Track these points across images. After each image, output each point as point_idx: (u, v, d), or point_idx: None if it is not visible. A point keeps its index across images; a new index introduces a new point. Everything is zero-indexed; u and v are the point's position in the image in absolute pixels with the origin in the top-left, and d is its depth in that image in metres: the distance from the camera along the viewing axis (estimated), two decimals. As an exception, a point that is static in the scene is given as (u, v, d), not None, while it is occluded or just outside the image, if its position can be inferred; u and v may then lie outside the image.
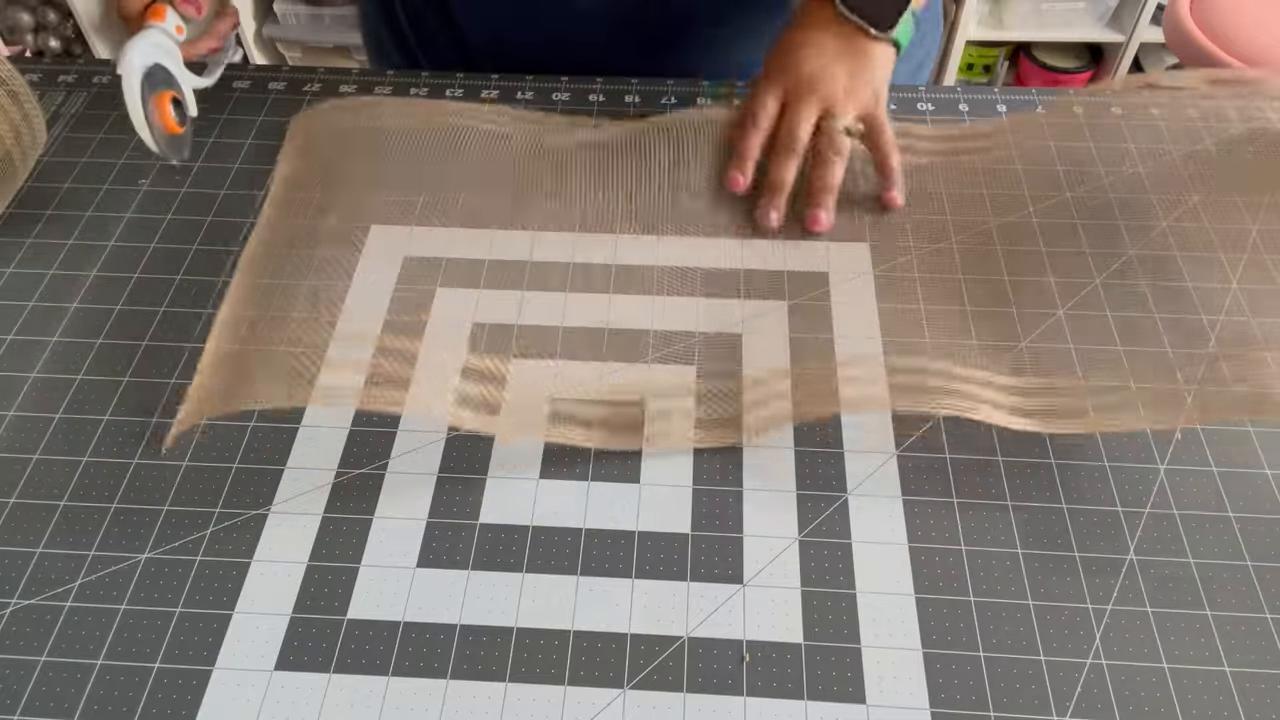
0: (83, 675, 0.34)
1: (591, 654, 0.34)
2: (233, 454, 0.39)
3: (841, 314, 0.44)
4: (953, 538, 0.37)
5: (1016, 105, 0.54)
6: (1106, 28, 1.63)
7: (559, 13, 0.55)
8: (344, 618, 0.35)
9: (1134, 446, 0.39)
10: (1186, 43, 1.06)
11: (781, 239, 0.47)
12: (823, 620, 0.35)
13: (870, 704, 0.33)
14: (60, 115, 0.54)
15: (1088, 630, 0.34)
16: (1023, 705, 0.33)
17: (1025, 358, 0.41)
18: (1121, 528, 0.37)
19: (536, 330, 0.43)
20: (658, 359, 0.42)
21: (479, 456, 0.39)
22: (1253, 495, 0.38)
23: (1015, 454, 0.39)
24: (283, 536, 0.37)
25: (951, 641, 0.34)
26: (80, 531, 0.37)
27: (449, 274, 0.46)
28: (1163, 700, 0.33)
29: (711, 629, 0.34)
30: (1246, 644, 0.34)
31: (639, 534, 0.37)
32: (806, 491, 0.38)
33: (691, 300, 0.44)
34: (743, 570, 0.36)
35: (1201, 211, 0.48)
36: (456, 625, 0.35)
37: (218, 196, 0.49)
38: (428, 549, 0.37)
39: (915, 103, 0.54)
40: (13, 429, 0.40)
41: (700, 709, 0.33)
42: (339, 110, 0.53)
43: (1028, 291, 0.44)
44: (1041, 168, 0.50)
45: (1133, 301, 0.44)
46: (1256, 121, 0.52)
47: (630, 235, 0.47)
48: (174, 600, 0.35)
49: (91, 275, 0.46)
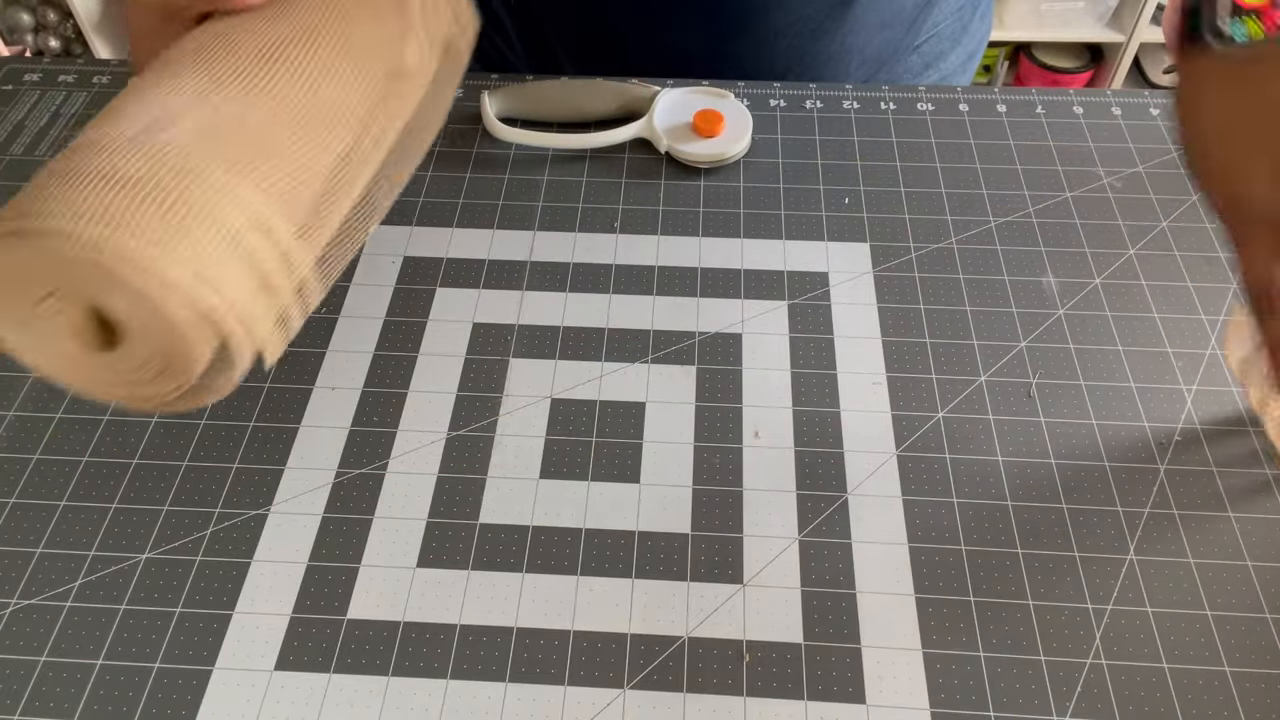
0: (83, 675, 0.34)
1: (591, 654, 0.34)
2: (233, 454, 0.39)
3: (841, 314, 0.44)
4: (953, 538, 0.37)
5: (1016, 105, 0.54)
6: (1106, 28, 1.64)
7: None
8: (344, 618, 0.35)
9: (1134, 446, 0.39)
10: (1186, 43, 1.06)
11: (781, 239, 0.47)
12: (823, 620, 0.35)
13: (870, 704, 0.33)
14: (60, 115, 0.54)
15: (1088, 630, 0.34)
16: (1023, 705, 0.33)
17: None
18: (1121, 528, 0.37)
19: (536, 330, 0.43)
20: (658, 359, 0.42)
21: (479, 456, 0.39)
22: (1252, 495, 0.38)
23: (1015, 454, 0.39)
24: (283, 536, 0.37)
25: (951, 641, 0.34)
26: (80, 531, 0.37)
27: (449, 274, 0.46)
28: (1163, 700, 0.33)
29: (711, 629, 0.34)
30: (1246, 644, 0.34)
31: (639, 534, 0.37)
32: (806, 491, 0.38)
33: (691, 300, 0.44)
34: (743, 570, 0.36)
35: (1201, 211, 0.48)
36: (456, 625, 0.35)
37: (218, 196, 0.49)
38: (428, 549, 0.37)
39: (915, 103, 0.54)
40: (13, 429, 0.40)
41: (700, 709, 0.33)
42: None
43: (1027, 292, 0.44)
44: (1042, 168, 0.50)
45: (1133, 301, 0.44)
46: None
47: (630, 235, 0.47)
48: (174, 600, 0.35)
49: (91, 275, 0.46)
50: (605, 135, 0.51)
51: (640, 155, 0.51)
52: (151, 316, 0.24)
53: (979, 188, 0.49)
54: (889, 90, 0.54)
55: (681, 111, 0.51)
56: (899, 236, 0.47)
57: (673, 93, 0.52)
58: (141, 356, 0.26)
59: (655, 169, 0.50)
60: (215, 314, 0.25)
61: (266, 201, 0.26)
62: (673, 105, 0.52)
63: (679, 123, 0.51)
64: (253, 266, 0.26)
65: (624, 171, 0.50)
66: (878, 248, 0.47)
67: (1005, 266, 0.46)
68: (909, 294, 0.45)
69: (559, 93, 0.52)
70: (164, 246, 0.24)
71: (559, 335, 0.43)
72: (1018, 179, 0.50)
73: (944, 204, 0.48)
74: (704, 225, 0.48)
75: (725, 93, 0.52)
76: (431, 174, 0.50)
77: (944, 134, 0.52)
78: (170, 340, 0.25)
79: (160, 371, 0.26)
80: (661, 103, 0.51)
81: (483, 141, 0.52)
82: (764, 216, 0.48)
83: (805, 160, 0.51)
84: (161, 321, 0.24)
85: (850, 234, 0.47)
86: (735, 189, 0.49)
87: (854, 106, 0.53)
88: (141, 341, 0.25)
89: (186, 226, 0.25)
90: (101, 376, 0.26)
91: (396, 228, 0.48)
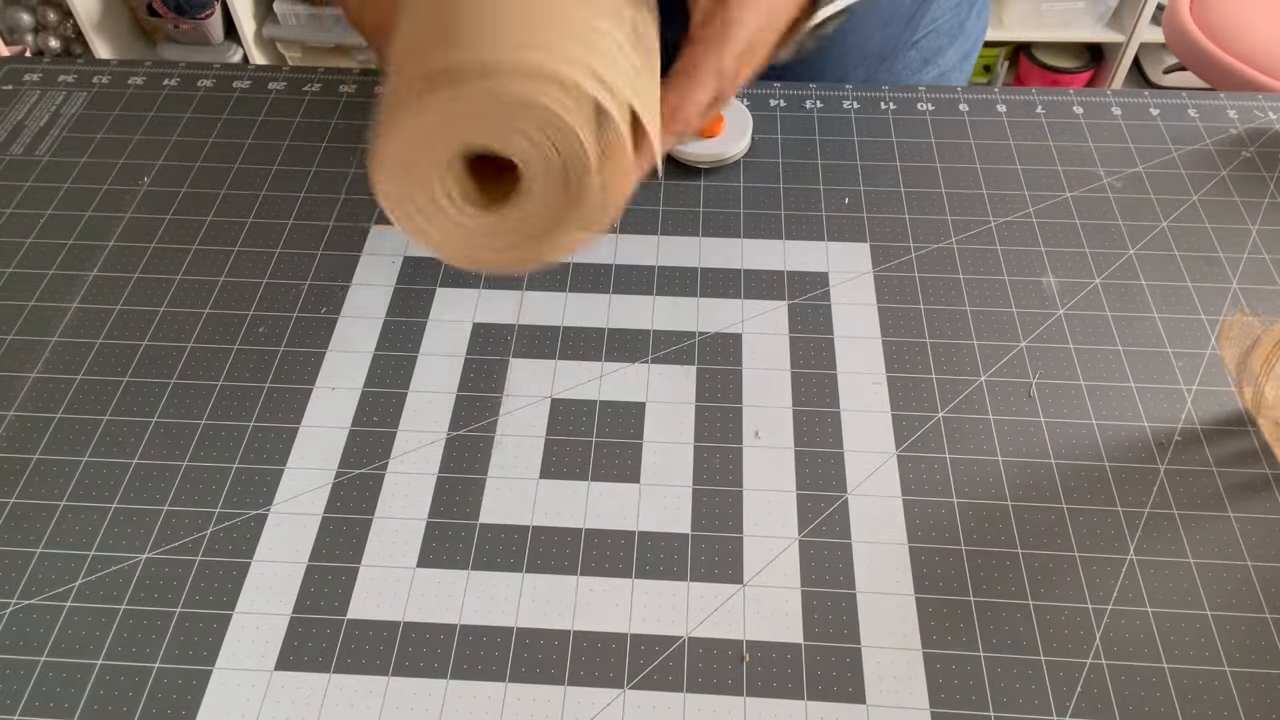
0: (83, 675, 0.34)
1: (591, 654, 0.34)
2: (233, 454, 0.39)
3: (841, 314, 0.44)
4: (953, 538, 0.37)
5: (1016, 105, 0.54)
6: (1106, 28, 1.64)
7: None
8: (344, 618, 0.35)
9: (1134, 446, 0.39)
10: (1186, 43, 1.06)
11: (781, 239, 0.47)
12: (823, 620, 0.35)
13: (870, 704, 0.33)
14: (60, 115, 0.54)
15: (1088, 630, 0.34)
16: (1023, 705, 0.33)
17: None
18: (1121, 528, 0.37)
19: (537, 330, 0.43)
20: (658, 359, 0.42)
21: (479, 456, 0.39)
22: (1252, 495, 0.38)
23: (1015, 454, 0.39)
24: (283, 536, 0.37)
25: (951, 641, 0.34)
26: (80, 531, 0.37)
27: (449, 274, 0.46)
28: (1163, 700, 0.33)
29: (711, 629, 0.34)
30: (1246, 644, 0.34)
31: (639, 534, 0.37)
32: (806, 491, 0.38)
33: (691, 300, 0.44)
34: (743, 570, 0.36)
35: (1201, 211, 0.48)
36: (456, 625, 0.35)
37: (218, 196, 0.49)
38: (428, 549, 0.37)
39: (915, 103, 0.54)
40: (13, 429, 0.40)
41: (700, 709, 0.33)
42: None
43: (1028, 291, 0.44)
44: (1041, 168, 0.50)
45: (1133, 301, 0.44)
46: (1257, 122, 0.52)
47: (630, 235, 0.47)
48: (174, 600, 0.35)
49: (91, 275, 0.46)
50: (605, 135, 0.50)
51: (640, 155, 0.51)
52: (560, 134, 0.27)
53: (979, 188, 0.49)
54: (889, 90, 0.54)
55: (682, 111, 0.51)
56: (899, 236, 0.47)
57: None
58: (533, 205, 0.28)
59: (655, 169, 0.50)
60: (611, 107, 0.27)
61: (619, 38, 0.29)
62: (673, 105, 0.52)
63: (679, 123, 0.51)
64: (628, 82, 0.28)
65: (624, 171, 0.50)
66: (878, 248, 0.47)
67: (1005, 266, 0.46)
68: (909, 294, 0.45)
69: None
70: (577, 62, 0.27)
71: (559, 335, 0.43)
72: (1018, 179, 0.50)
73: (944, 204, 0.48)
74: (704, 225, 0.48)
75: (725, 93, 0.52)
76: (431, 174, 0.50)
77: (944, 134, 0.52)
78: (570, 152, 0.27)
79: (547, 222, 0.29)
80: (662, 103, 0.51)
81: (483, 141, 0.52)
82: (764, 216, 0.48)
83: (805, 160, 0.51)
84: (569, 134, 0.27)
85: (850, 234, 0.47)
86: (735, 189, 0.49)
87: (854, 106, 0.53)
88: (539, 181, 0.28)
89: (587, 39, 0.27)
90: (484, 240, 0.29)
91: (396, 227, 0.47)
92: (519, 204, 0.29)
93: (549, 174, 0.28)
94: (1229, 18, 1.05)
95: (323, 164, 0.51)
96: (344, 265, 0.46)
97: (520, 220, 0.29)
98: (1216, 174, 0.50)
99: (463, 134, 0.27)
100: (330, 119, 0.53)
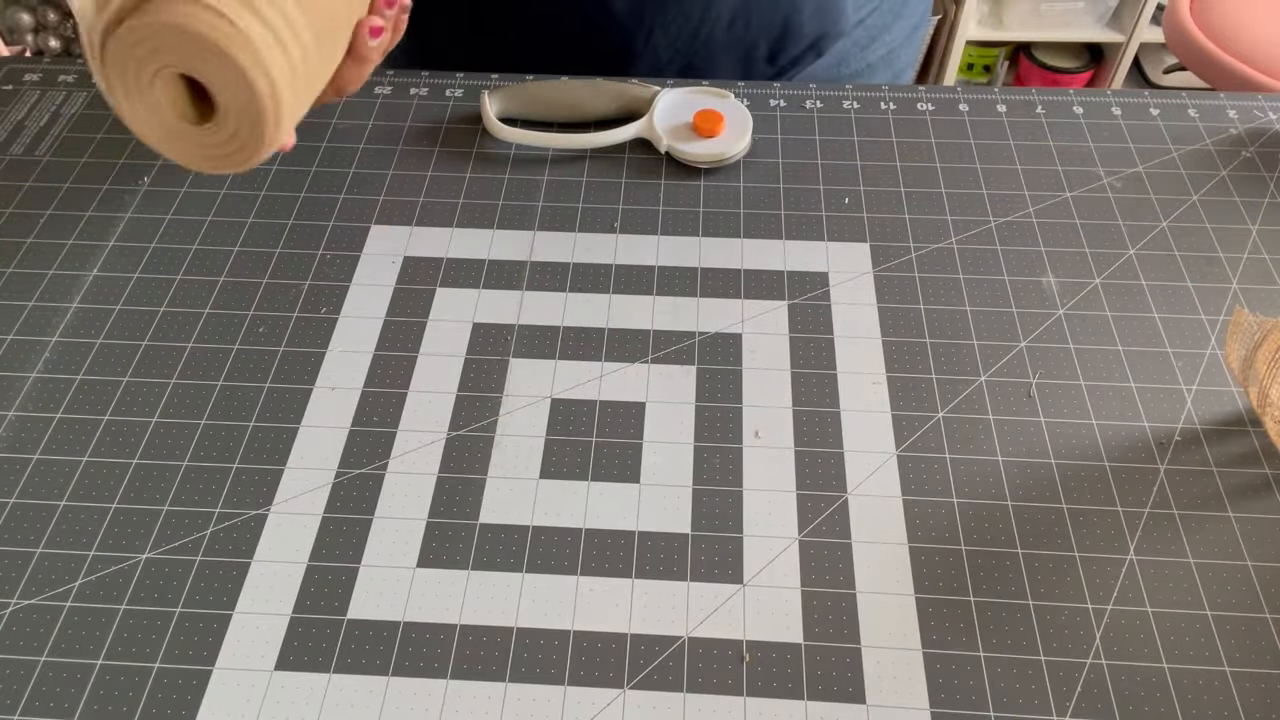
0: (83, 675, 0.34)
1: (591, 654, 0.34)
2: (233, 454, 0.39)
3: (841, 314, 0.44)
4: (953, 538, 0.37)
5: (1016, 105, 0.54)
6: (1106, 28, 1.64)
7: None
8: (344, 618, 0.35)
9: (1134, 446, 0.39)
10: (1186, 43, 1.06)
11: (781, 239, 0.47)
12: (823, 620, 0.35)
13: (870, 704, 0.33)
14: (60, 115, 0.54)
15: (1088, 630, 0.34)
16: (1023, 705, 0.33)
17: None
18: (1121, 528, 0.37)
19: (536, 330, 0.43)
20: (658, 359, 0.42)
21: (479, 456, 0.39)
22: (1252, 495, 0.38)
23: (1015, 454, 0.39)
24: (283, 536, 0.37)
25: (951, 641, 0.34)
26: (80, 531, 0.37)
27: (449, 274, 0.46)
28: (1163, 700, 0.33)
29: (711, 629, 0.34)
30: (1246, 644, 0.34)
31: (639, 534, 0.37)
32: (806, 491, 0.38)
33: (691, 300, 0.44)
34: (743, 570, 0.36)
35: (1201, 211, 0.48)
36: (456, 625, 0.35)
37: (217, 197, 0.50)
38: (428, 549, 0.37)
39: (915, 103, 0.54)
40: (13, 429, 0.40)
41: (700, 709, 0.33)
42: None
43: (1027, 292, 0.44)
44: (1041, 168, 0.50)
45: (1133, 301, 0.44)
46: (1257, 122, 0.52)
47: (630, 235, 0.47)
48: (174, 600, 0.35)
49: (92, 275, 0.46)
50: (605, 135, 0.51)
51: (640, 155, 0.51)
52: (236, 81, 0.32)
53: (979, 188, 0.49)
54: (889, 90, 0.54)
55: (681, 111, 0.51)
56: (899, 236, 0.47)
57: (673, 93, 0.52)
58: (229, 130, 0.33)
59: (655, 169, 0.50)
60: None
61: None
62: (673, 105, 0.52)
63: (679, 123, 0.51)
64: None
65: (624, 171, 0.50)
66: (878, 248, 0.47)
67: (1005, 266, 0.46)
68: (909, 294, 0.45)
69: (559, 93, 0.52)
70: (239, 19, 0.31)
71: (559, 335, 0.43)
72: (1018, 179, 0.50)
73: (944, 204, 0.48)
74: (704, 225, 0.48)
75: (725, 93, 0.52)
76: (432, 174, 0.50)
77: (944, 134, 0.52)
78: (251, 102, 0.32)
79: (241, 145, 0.34)
80: (661, 103, 0.51)
81: (483, 141, 0.52)
82: (764, 216, 0.48)
83: (805, 160, 0.51)
84: (246, 84, 0.32)
85: (850, 234, 0.47)
86: (735, 189, 0.49)
87: (854, 106, 0.54)
88: (231, 114, 0.33)
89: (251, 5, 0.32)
90: (191, 148, 0.34)
91: (397, 228, 0.48)
92: (219, 123, 0.33)
93: (236, 98, 0.32)
94: (1229, 18, 1.05)
95: (323, 164, 0.51)
96: (344, 265, 0.46)
97: (221, 137, 0.34)
98: (1216, 174, 0.50)
99: (156, 58, 0.32)
100: (330, 119, 0.53)
